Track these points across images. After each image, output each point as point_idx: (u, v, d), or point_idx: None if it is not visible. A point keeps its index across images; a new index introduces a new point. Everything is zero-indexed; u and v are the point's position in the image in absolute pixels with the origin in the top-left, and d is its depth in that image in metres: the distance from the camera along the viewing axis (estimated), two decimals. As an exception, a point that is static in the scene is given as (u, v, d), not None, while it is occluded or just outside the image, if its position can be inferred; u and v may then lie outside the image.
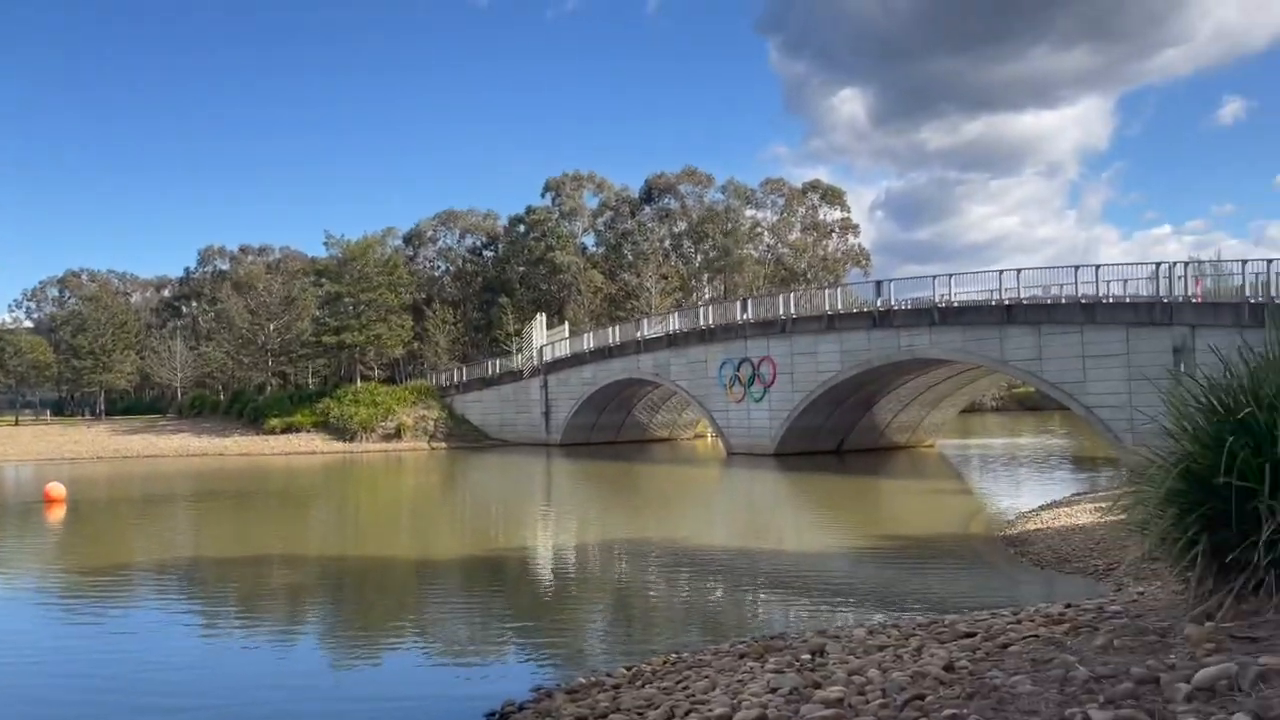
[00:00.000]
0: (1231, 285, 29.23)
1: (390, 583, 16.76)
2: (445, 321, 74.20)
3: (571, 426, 53.41)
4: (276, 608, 14.61)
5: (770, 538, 21.21)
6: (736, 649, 9.00)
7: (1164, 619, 5.81)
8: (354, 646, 12.14)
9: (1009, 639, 6.54)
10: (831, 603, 13.45)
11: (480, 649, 11.67)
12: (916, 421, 45.36)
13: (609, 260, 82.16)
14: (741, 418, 43.18)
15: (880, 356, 37.59)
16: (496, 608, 14.24)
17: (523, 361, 57.55)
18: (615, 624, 13.16)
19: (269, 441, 56.62)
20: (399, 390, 61.36)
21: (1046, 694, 4.54)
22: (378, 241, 71.37)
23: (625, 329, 52.61)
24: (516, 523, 25.56)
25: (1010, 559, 16.55)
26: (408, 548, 20.92)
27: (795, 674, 6.74)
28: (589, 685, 8.54)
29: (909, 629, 8.41)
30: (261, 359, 72.26)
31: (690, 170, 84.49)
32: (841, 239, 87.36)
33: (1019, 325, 33.45)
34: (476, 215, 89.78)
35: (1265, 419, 5.42)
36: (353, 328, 65.59)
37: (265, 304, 71.00)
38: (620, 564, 18.04)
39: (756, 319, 43.79)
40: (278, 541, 21.86)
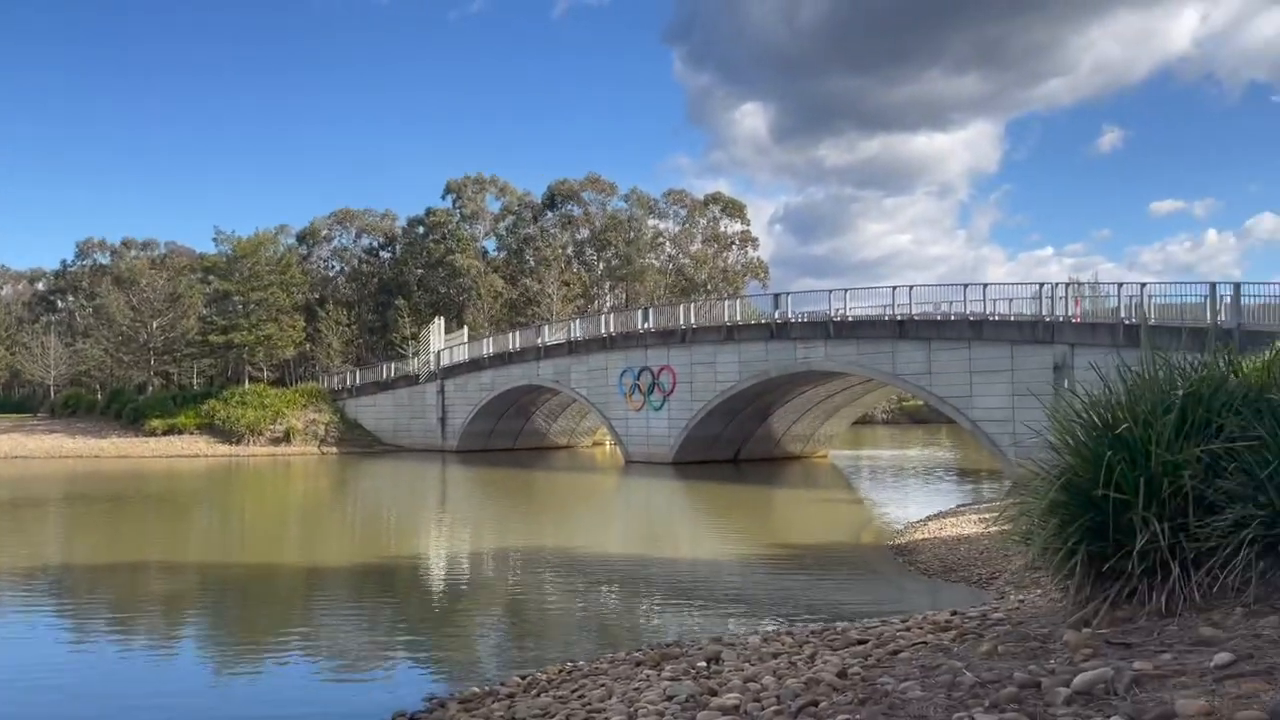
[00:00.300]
0: (1108, 306, 30.73)
1: (276, 591, 16.23)
2: (339, 323, 72.53)
3: (468, 433, 52.76)
4: (154, 618, 13.99)
5: (667, 546, 21.32)
6: (633, 657, 9.00)
7: (1045, 625, 6.03)
8: (237, 658, 11.70)
9: (899, 646, 6.70)
10: (727, 611, 13.58)
11: (370, 659, 11.39)
12: (811, 432, 46.27)
13: (510, 265, 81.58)
14: (641, 426, 43.35)
15: (777, 368, 38.24)
16: (387, 617, 13.93)
17: (419, 365, 56.61)
18: (510, 633, 13.02)
19: (149, 443, 54.36)
20: (289, 393, 59.66)
21: (935, 699, 4.65)
22: (270, 239, 69.44)
23: (526, 335, 52.26)
24: (409, 530, 25.09)
25: (899, 568, 16.98)
26: (295, 555, 20.32)
27: (691, 681, 6.77)
28: (483, 695, 8.42)
29: (803, 636, 8.54)
30: (143, 358, 69.39)
31: (594, 178, 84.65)
32: (741, 251, 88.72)
33: (910, 340, 34.46)
34: (374, 215, 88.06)
35: (1141, 434, 5.69)
36: (242, 327, 63.59)
37: (149, 300, 68.18)
38: (516, 572, 17.87)
39: (657, 328, 44.06)
40: (156, 548, 20.98)
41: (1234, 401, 5.77)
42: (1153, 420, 5.72)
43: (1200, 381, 5.95)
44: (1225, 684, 3.99)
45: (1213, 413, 5.75)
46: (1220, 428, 5.67)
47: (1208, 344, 6.56)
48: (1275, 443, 5.30)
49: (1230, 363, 6.13)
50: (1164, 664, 4.42)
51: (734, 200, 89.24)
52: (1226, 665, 4.23)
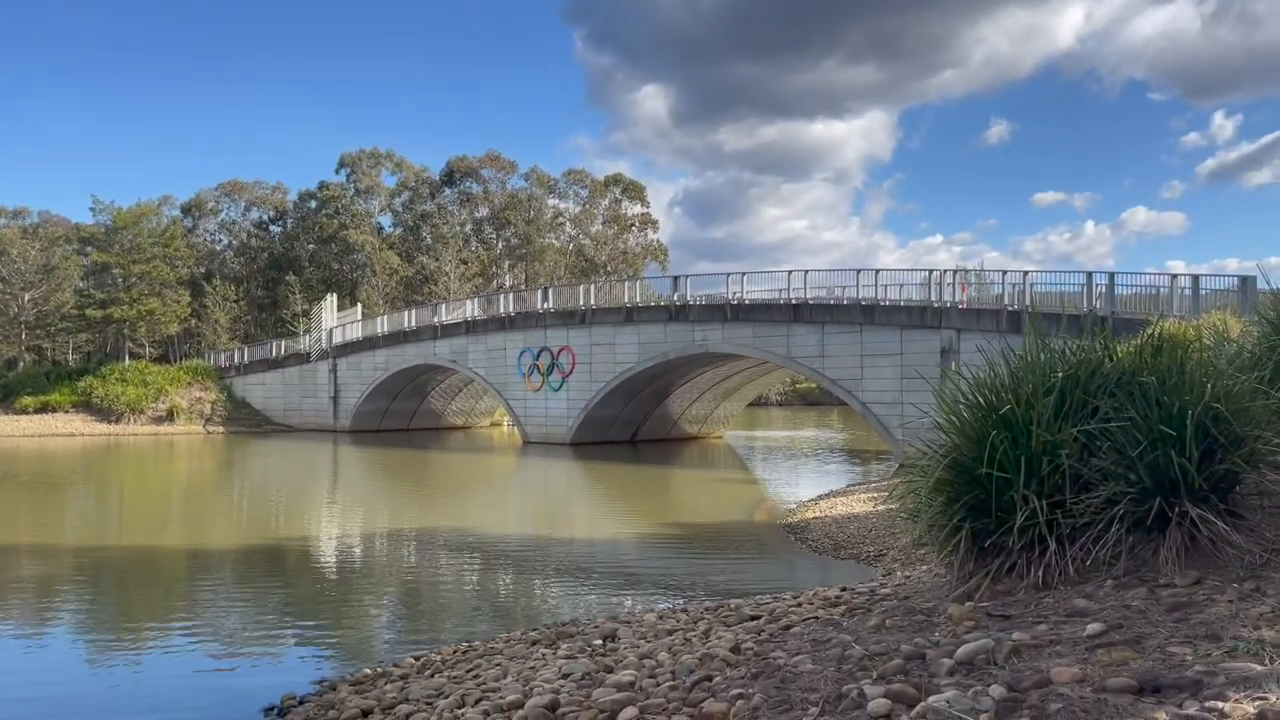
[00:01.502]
0: (992, 294, 31.88)
1: (157, 575, 15.64)
2: (226, 298, 70.13)
3: (362, 413, 51.71)
4: (24, 606, 13.31)
5: (563, 526, 21.33)
6: (528, 636, 8.98)
7: (930, 600, 6.24)
8: (115, 646, 11.22)
9: (790, 621, 6.85)
10: (623, 589, 13.66)
11: (258, 643, 11.08)
12: (707, 413, 46.83)
13: (406, 242, 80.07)
14: (539, 407, 43.18)
15: (676, 349, 38.54)
16: (275, 600, 13.57)
17: (311, 343, 55.16)
18: (403, 615, 12.84)
19: (20, 422, 51.65)
20: (173, 370, 57.49)
21: (825, 672, 4.77)
22: (152, 210, 66.55)
23: (422, 313, 51.41)
24: (298, 511, 24.48)
25: (791, 546, 17.35)
26: (177, 538, 19.62)
27: (587, 659, 6.79)
28: (375, 676, 8.29)
29: (697, 613, 8.65)
30: (13, 332, 65.83)
31: (493, 155, 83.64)
32: (641, 233, 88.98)
33: (805, 324, 35.13)
34: (264, 188, 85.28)
35: (1023, 415, 5.91)
36: (122, 301, 60.94)
37: (19, 271, 64.62)
38: (409, 554, 17.62)
39: (557, 309, 43.88)
40: (27, 531, 19.98)
41: (1109, 384, 6.03)
42: (1034, 401, 5.94)
43: (1078, 365, 6.20)
44: (1097, 653, 4.19)
45: (1089, 395, 6.00)
46: (1096, 409, 5.93)
47: (1085, 330, 6.84)
48: (1146, 423, 5.56)
49: (1106, 347, 6.41)
50: (1040, 634, 4.62)
51: (635, 182, 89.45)
52: (1098, 635, 4.43)
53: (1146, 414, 5.60)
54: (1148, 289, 27.58)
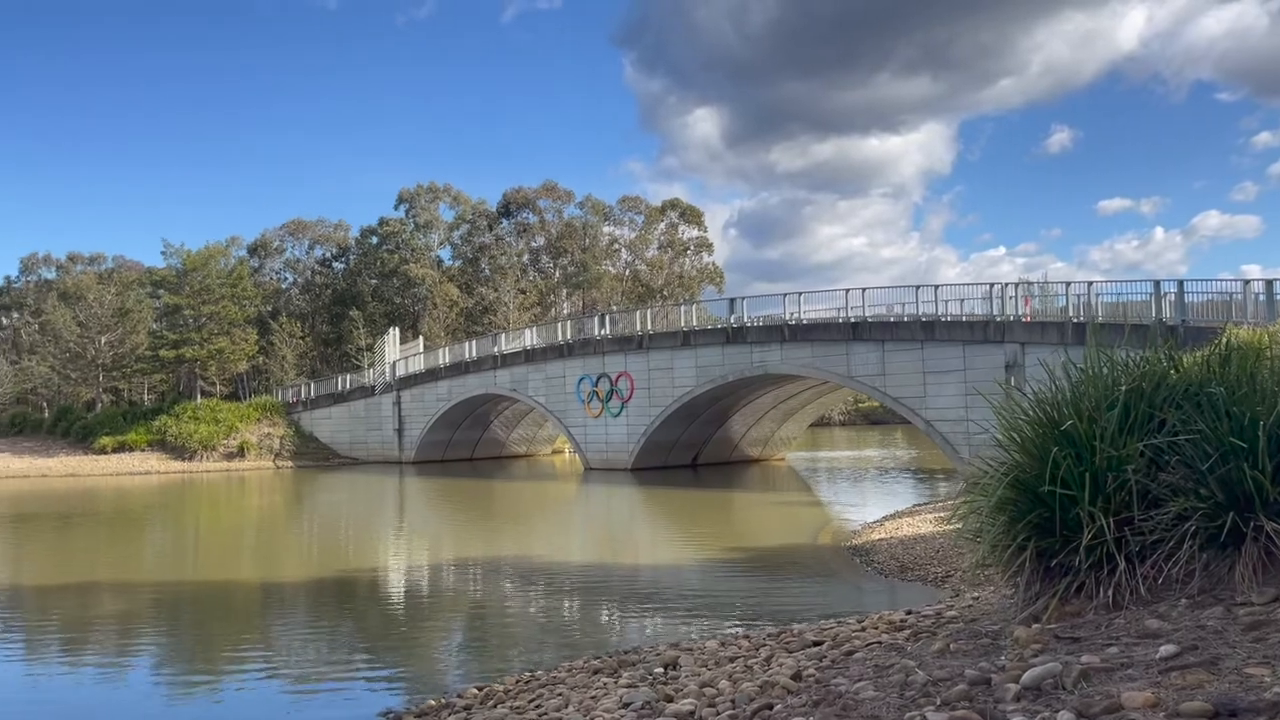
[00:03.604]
0: (1057, 306, 31.25)
1: (231, 608, 15.96)
2: (293, 335, 71.62)
3: (426, 443, 52.33)
4: (105, 640, 13.67)
5: (626, 552, 21.29)
6: (590, 665, 8.96)
7: (996, 622, 6.10)
8: (192, 679, 11.46)
9: (854, 646, 6.74)
10: (686, 616, 13.57)
11: (327, 674, 11.22)
12: (768, 435, 46.50)
13: (465, 274, 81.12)
14: (599, 433, 43.28)
15: (734, 372, 38.40)
16: (344, 632, 13.75)
17: (375, 377, 56.05)
18: (468, 644, 12.91)
19: (99, 461, 53.23)
20: (242, 407, 58.76)
21: (888, 698, 4.68)
22: (221, 251, 68.37)
23: (482, 344, 51.98)
24: (367, 543, 24.81)
25: (856, 568, 17.10)
26: (250, 571, 20.00)
27: (648, 688, 6.75)
28: (439, 707, 8.33)
29: (759, 639, 8.56)
30: (91, 374, 67.99)
31: (549, 185, 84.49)
32: (696, 257, 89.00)
33: (864, 342, 34.77)
34: (326, 226, 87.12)
35: (1085, 430, 5.77)
36: (193, 341, 62.55)
37: (96, 316, 66.81)
38: (475, 582, 17.73)
39: (614, 335, 44.04)
40: (108, 566, 20.52)
41: (1175, 396, 5.86)
42: (1097, 416, 5.80)
43: (1142, 377, 6.05)
44: (1170, 675, 4.05)
45: (1155, 407, 5.85)
46: (1163, 422, 5.77)
47: (1151, 340, 6.67)
48: (1215, 436, 5.39)
49: (1171, 358, 6.24)
50: (1111, 657, 4.48)
51: (692, 207, 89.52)
52: (1172, 657, 4.29)
53: (1216, 426, 5.43)
54: (1219, 295, 26.73)
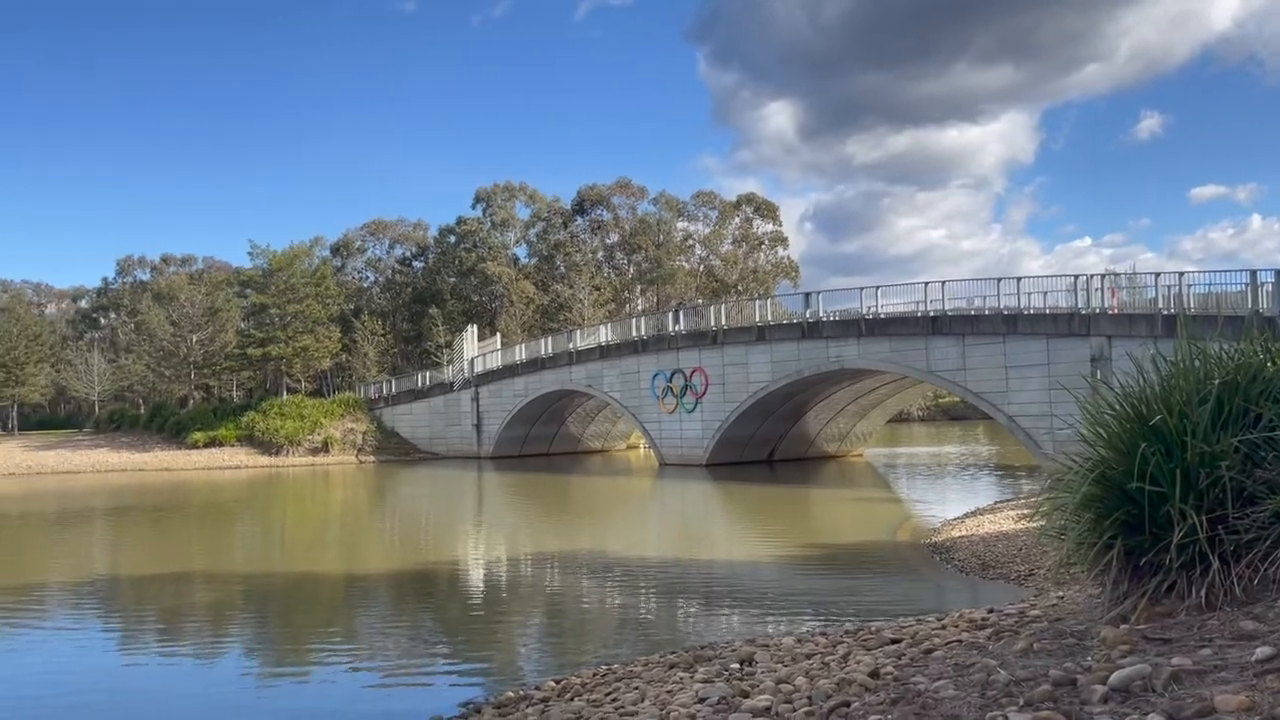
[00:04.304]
0: (1146, 297, 30.27)
1: (316, 599, 16.39)
2: (374, 333, 73.16)
3: (503, 439, 53.00)
4: (197, 626, 14.18)
5: (701, 548, 21.27)
6: (666, 660, 8.99)
7: (1081, 622, 5.94)
8: (279, 665, 11.82)
9: (933, 644, 6.63)
10: (762, 612, 13.51)
11: (408, 664, 11.46)
12: (845, 431, 45.99)
13: (541, 271, 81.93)
14: (674, 429, 43.31)
15: (810, 367, 38.05)
16: (425, 623, 14.02)
17: (453, 373, 56.95)
18: (545, 637, 13.05)
19: (191, 456, 55.13)
20: (326, 403, 60.26)
21: (968, 698, 4.59)
22: (305, 252, 70.18)
23: (557, 340, 52.43)
24: (446, 536, 25.25)
25: (935, 566, 16.82)
26: (334, 563, 20.50)
27: (724, 683, 6.74)
28: (517, 699, 8.44)
29: (837, 636, 8.48)
30: (184, 372, 70.41)
31: (623, 182, 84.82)
32: (772, 251, 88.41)
33: (944, 336, 34.15)
34: (406, 225, 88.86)
35: (1176, 425, 5.58)
36: (279, 339, 64.30)
37: (188, 315, 69.19)
38: (552, 576, 17.92)
39: (689, 330, 44.01)
40: (199, 558, 21.25)
41: (1273, 390, 5.64)
42: (1188, 411, 5.60)
43: (1237, 370, 5.83)
44: (1267, 678, 3.90)
45: (1251, 402, 5.62)
46: (1259, 417, 5.55)
47: (1246, 332, 6.42)
48: (1315, 431, 5.17)
49: (1268, 350, 5.99)
50: (1203, 659, 4.33)
51: (767, 202, 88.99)
52: (1268, 659, 4.13)
53: (1316, 421, 5.21)
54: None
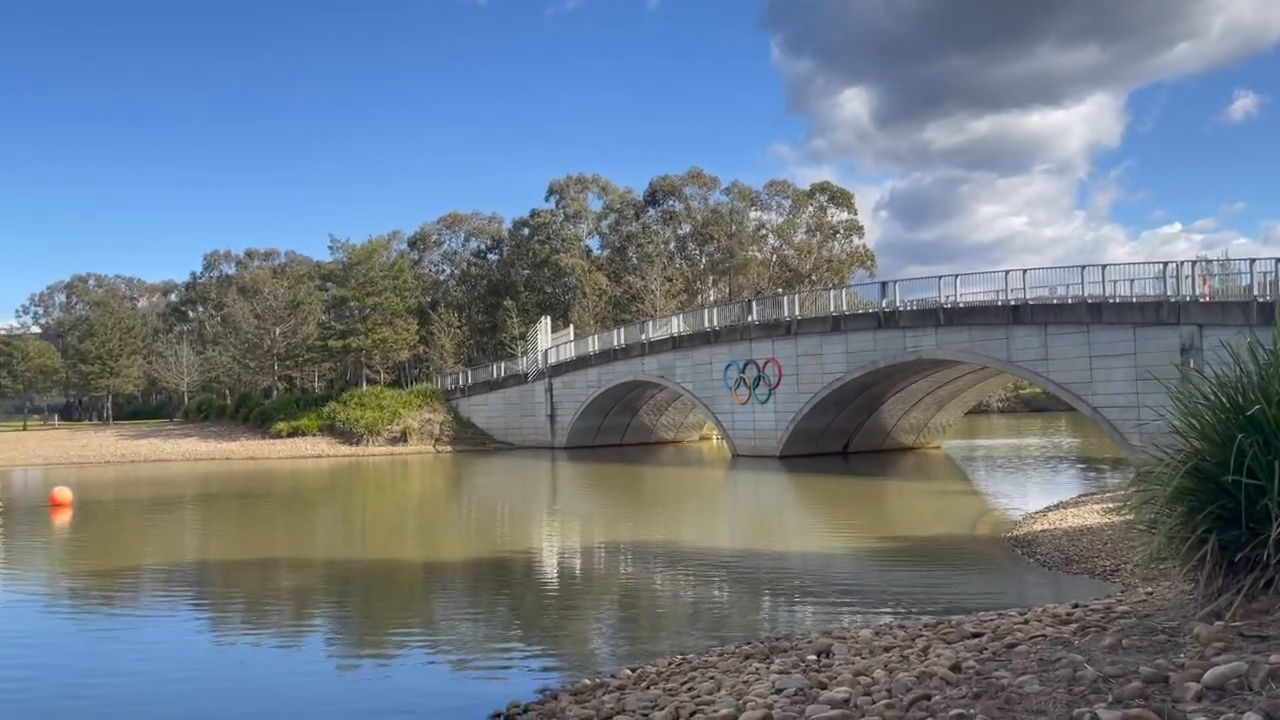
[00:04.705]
0: (1240, 284, 29.14)
1: (396, 585, 16.74)
2: (450, 325, 74.29)
3: (577, 429, 53.39)
4: (283, 610, 14.60)
5: (776, 539, 21.16)
6: (742, 650, 8.97)
7: (1173, 618, 5.76)
8: (359, 650, 12.10)
9: (1016, 639, 6.50)
10: (837, 604, 13.40)
11: (486, 651, 11.64)
12: (922, 423, 45.27)
13: (613, 263, 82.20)
14: (747, 420, 43.12)
15: (886, 358, 37.53)
16: (502, 610, 14.22)
17: (528, 364, 57.55)
18: (620, 626, 13.13)
19: (275, 445, 56.69)
20: (404, 394, 61.41)
21: (1054, 693, 4.50)
22: (383, 245, 71.51)
23: (630, 331, 52.58)
24: (522, 525, 25.55)
25: (1017, 560, 16.49)
26: (414, 550, 20.91)
27: (801, 674, 6.70)
28: (594, 687, 8.51)
29: (915, 630, 8.37)
30: (267, 363, 72.40)
31: (695, 172, 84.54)
32: (846, 240, 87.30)
33: (1025, 326, 33.36)
34: (481, 218, 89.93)
35: (1274, 415, 5.37)
36: (359, 331, 65.68)
37: (271, 308, 71.11)
38: (626, 566, 18.01)
39: (761, 320, 43.73)
40: (284, 544, 21.86)
41: (1378, 379, 5.39)
42: (1288, 401, 5.39)
43: (1340, 359, 5.58)
44: (1373, 679, 3.74)
45: (1355, 392, 5.39)
46: (1363, 407, 5.31)
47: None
48: None
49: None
50: (1304, 658, 4.17)
51: (841, 190, 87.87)
52: (1374, 659, 3.96)
53: None
54: None
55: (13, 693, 9.94)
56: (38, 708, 9.53)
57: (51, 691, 10.07)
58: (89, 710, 9.39)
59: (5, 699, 9.72)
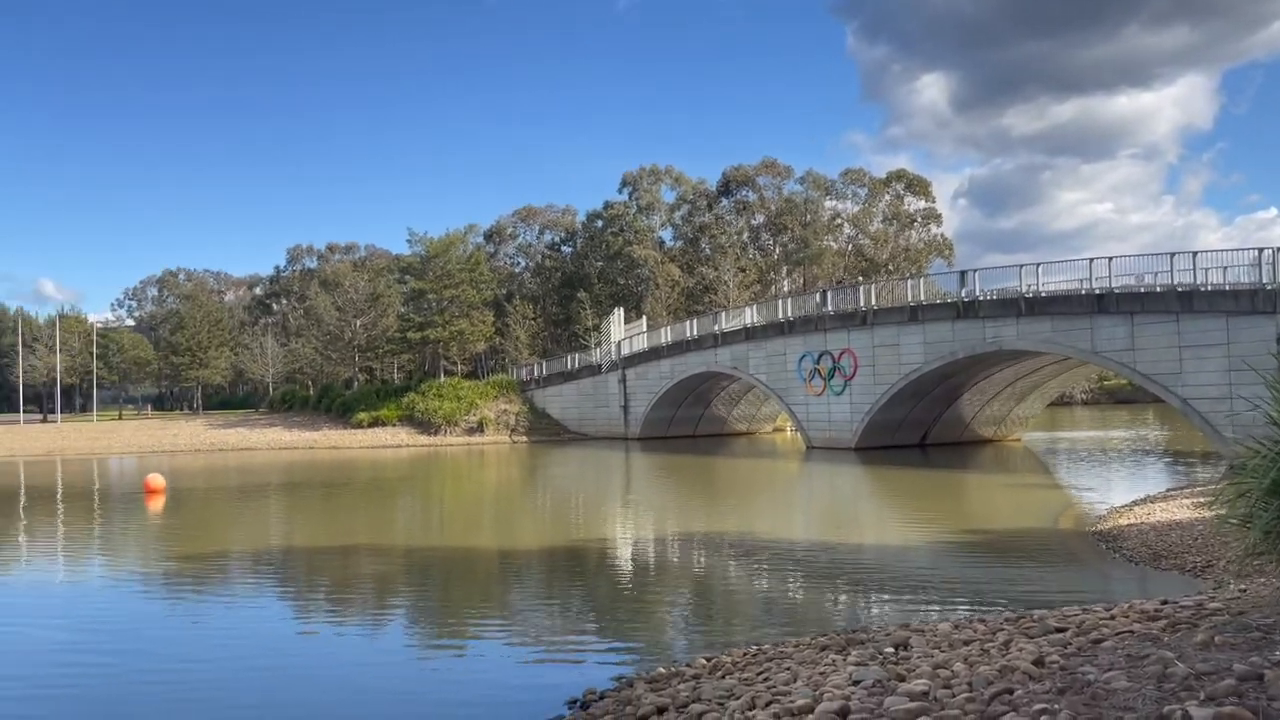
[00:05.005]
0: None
1: (474, 573, 17.02)
2: (525, 316, 75.03)
3: (650, 420, 53.51)
4: (363, 597, 14.96)
5: (851, 532, 20.96)
6: (818, 642, 8.92)
7: (1268, 615, 5.57)
8: (438, 637, 12.34)
9: (1102, 634, 6.35)
10: (914, 597, 13.23)
11: (561, 639, 11.77)
12: (1003, 415, 44.33)
13: (686, 254, 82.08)
14: (821, 411, 42.74)
15: (965, 348, 36.83)
16: (576, 599, 14.35)
17: (601, 356, 57.85)
18: (694, 616, 13.15)
19: (356, 435, 57.92)
20: (481, 385, 62.23)
21: (1143, 690, 4.39)
22: (459, 238, 72.51)
23: (703, 322, 52.48)
24: (596, 515, 25.73)
25: (1102, 555, 16.08)
26: (490, 539, 21.22)
27: (879, 667, 6.65)
28: (669, 675, 8.55)
29: (996, 624, 8.22)
30: (348, 355, 74.02)
31: (769, 162, 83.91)
32: (924, 229, 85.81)
33: (1111, 315, 32.41)
34: (555, 211, 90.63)
35: (1379, 406, 5.15)
36: (436, 324, 66.73)
37: (352, 301, 72.67)
38: (699, 557, 18.02)
39: (836, 311, 43.26)
40: (365, 531, 22.37)
41: None
42: (1394, 391, 5.16)
43: None
44: None
45: None
46: None
47: None
48: None
49: None
50: None
51: (918, 177, 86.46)
52: None
53: None
54: None
55: (105, 674, 10.36)
56: (126, 690, 9.89)
57: (141, 674, 10.46)
58: (175, 694, 9.69)
59: (98, 680, 10.13)
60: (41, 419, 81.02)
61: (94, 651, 11.27)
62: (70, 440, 60.95)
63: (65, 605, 14.50)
